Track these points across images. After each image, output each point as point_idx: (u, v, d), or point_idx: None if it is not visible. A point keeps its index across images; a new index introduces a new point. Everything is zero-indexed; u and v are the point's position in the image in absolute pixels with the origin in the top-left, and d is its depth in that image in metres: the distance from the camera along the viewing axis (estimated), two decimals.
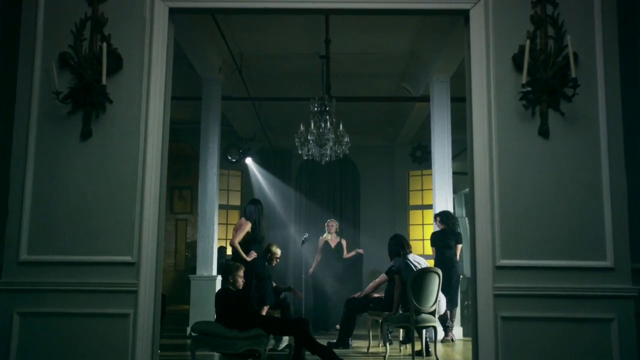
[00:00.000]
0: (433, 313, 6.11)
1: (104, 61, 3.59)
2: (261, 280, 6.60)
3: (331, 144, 8.38)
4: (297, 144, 8.40)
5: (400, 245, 6.37)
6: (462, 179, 13.11)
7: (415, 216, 12.94)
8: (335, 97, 8.18)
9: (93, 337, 3.51)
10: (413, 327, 5.95)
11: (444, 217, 8.02)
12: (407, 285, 5.98)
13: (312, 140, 8.34)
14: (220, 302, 5.57)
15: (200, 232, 8.32)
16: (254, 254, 6.62)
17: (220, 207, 11.21)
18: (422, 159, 12.91)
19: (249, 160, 12.41)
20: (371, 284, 7.19)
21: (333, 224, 9.45)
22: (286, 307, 7.17)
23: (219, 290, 5.61)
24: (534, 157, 3.63)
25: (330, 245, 9.32)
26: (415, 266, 6.21)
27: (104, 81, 3.58)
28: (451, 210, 8.26)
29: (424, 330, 6.17)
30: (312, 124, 8.33)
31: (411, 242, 12.68)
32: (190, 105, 10.85)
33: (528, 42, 3.60)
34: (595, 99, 3.63)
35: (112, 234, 3.60)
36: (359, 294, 7.31)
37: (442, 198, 8.39)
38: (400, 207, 13.00)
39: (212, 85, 8.68)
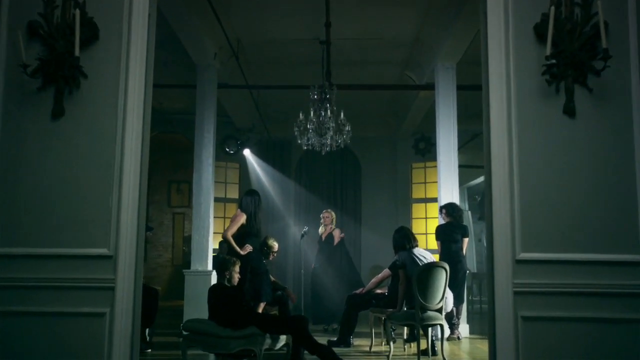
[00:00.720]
0: (440, 310, 5.73)
1: (77, 30, 3.19)
2: (257, 275, 6.23)
3: (331, 133, 8.01)
4: (296, 133, 8.02)
5: (405, 238, 5.98)
6: (466, 172, 12.75)
7: (418, 209, 12.56)
8: (336, 84, 7.83)
9: (65, 339, 3.13)
10: (419, 325, 5.58)
11: (449, 210, 7.65)
12: (413, 281, 5.60)
13: (312, 129, 7.97)
14: (214, 298, 5.21)
15: (195, 225, 7.95)
16: (249, 248, 6.25)
17: (217, 200, 10.87)
18: (426, 150, 12.53)
19: (247, 152, 12.04)
20: (374, 280, 6.82)
21: (328, 215, 8.82)
22: (284, 303, 6.80)
23: (213, 286, 5.25)
24: (558, 138, 3.23)
25: (321, 238, 8.78)
26: (421, 260, 5.83)
27: (77, 53, 3.19)
28: (457, 203, 7.87)
29: (429, 329, 5.81)
30: (312, 113, 7.96)
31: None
32: (187, 95, 10.48)
33: (552, 9, 3.19)
34: (628, 73, 3.22)
35: (86, 224, 3.20)
36: (360, 289, 6.94)
37: (448, 190, 8.01)
38: (403, 200, 12.62)
39: (207, 71, 8.31)
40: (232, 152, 12.23)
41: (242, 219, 6.30)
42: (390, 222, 12.33)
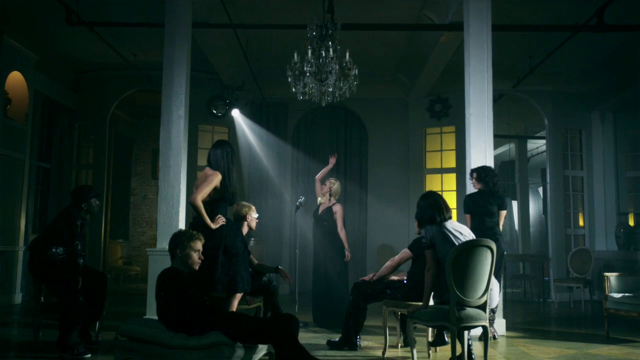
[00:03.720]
0: (483, 307, 4.15)
1: None
2: (232, 257, 4.64)
3: (334, 78, 6.39)
4: (289, 79, 6.42)
5: (435, 208, 4.33)
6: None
7: (432, 181, 11.00)
8: (340, 23, 6.24)
9: None
10: (455, 327, 4.00)
11: (482, 174, 6.05)
12: (446, 266, 4.01)
13: (310, 74, 6.34)
14: (163, 290, 3.63)
15: (161, 194, 6.37)
16: (221, 220, 4.67)
17: (202, 169, 9.30)
18: (442, 113, 10.94)
19: (235, 112, 10.41)
20: (389, 263, 5.23)
21: (329, 184, 6.94)
22: (271, 293, 5.25)
23: (163, 272, 3.69)
24: None
25: (317, 212, 7.02)
26: (456, 238, 4.22)
27: None
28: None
29: (466, 332, 4.25)
30: (310, 53, 6.34)
31: None
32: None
33: None
34: None
35: None
36: (371, 275, 5.36)
37: (479, 156, 6.38)
38: (415, 170, 11.06)
39: (178, 5, 6.65)
40: (220, 114, 10.60)
41: (216, 179, 4.71)
42: (401, 195, 10.84)
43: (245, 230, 5.36)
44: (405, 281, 5.16)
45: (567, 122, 10.59)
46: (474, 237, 4.34)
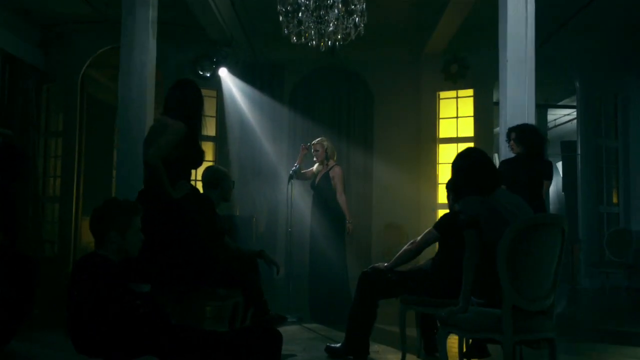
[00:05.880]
0: (549, 312, 2.91)
1: None
2: (198, 239, 3.40)
3: (336, 15, 5.12)
4: (280, 17, 5.15)
5: (482, 172, 3.06)
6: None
7: (446, 151, 9.72)
8: None
9: None
10: (509, 341, 2.77)
11: (521, 135, 4.79)
12: (498, 253, 2.77)
13: (306, 7, 5.06)
14: (78, 289, 2.41)
15: (121, 153, 5.11)
16: (187, 187, 3.43)
17: None
18: (458, 75, 9.64)
19: (223, 72, 9.12)
20: (408, 246, 3.92)
21: (318, 148, 5.86)
22: (251, 286, 3.99)
23: (80, 263, 2.47)
24: None
25: (314, 182, 5.89)
26: (512, 214, 2.96)
27: None
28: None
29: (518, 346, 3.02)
30: None
31: (441, 188, 9.70)
32: None
33: None
34: None
35: None
36: (384, 263, 4.10)
37: (516, 112, 5.10)
38: (427, 140, 9.78)
39: None
40: (207, 74, 9.34)
41: (180, 129, 3.45)
42: (411, 168, 9.61)
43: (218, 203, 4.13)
44: (429, 269, 3.92)
45: (601, 86, 9.30)
46: (531, 212, 3.09)
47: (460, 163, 3.14)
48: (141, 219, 2.79)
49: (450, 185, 3.35)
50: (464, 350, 3.58)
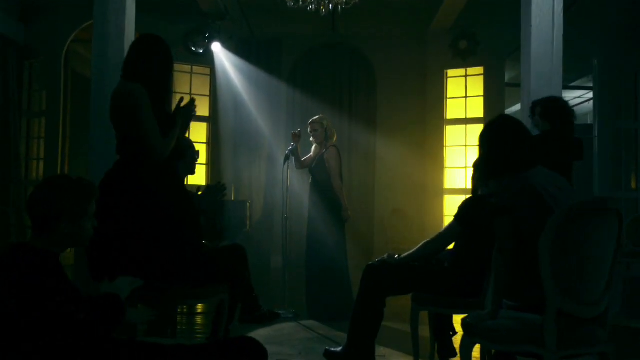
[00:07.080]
0: (602, 319, 2.36)
1: None
2: (171, 223, 2.85)
3: None
4: None
5: (518, 145, 2.48)
6: (514, 92, 9.31)
7: (454, 134, 9.16)
8: None
9: None
10: (554, 356, 2.22)
11: (547, 110, 4.22)
12: (540, 246, 2.21)
13: None
14: (17, 287, 1.86)
15: (94, 136, 4.54)
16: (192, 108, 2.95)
17: None
18: (468, 52, 9.00)
19: (216, 47, 8.54)
20: (428, 241, 3.36)
21: (317, 127, 5.33)
22: (239, 282, 3.43)
23: (9, 255, 1.93)
24: None
25: (311, 165, 5.38)
26: (554, 198, 2.40)
27: None
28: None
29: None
30: None
31: (449, 172, 9.19)
32: None
33: None
34: None
35: None
36: (393, 254, 3.54)
37: (542, 84, 4.53)
38: (433, 121, 9.21)
39: None
40: (199, 50, 8.76)
41: (143, 94, 2.89)
42: (416, 151, 9.05)
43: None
44: (447, 260, 3.37)
45: (621, 63, 8.71)
46: (576, 196, 2.53)
47: (492, 135, 2.58)
48: (104, 204, 2.29)
49: (478, 163, 2.79)
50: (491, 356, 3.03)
